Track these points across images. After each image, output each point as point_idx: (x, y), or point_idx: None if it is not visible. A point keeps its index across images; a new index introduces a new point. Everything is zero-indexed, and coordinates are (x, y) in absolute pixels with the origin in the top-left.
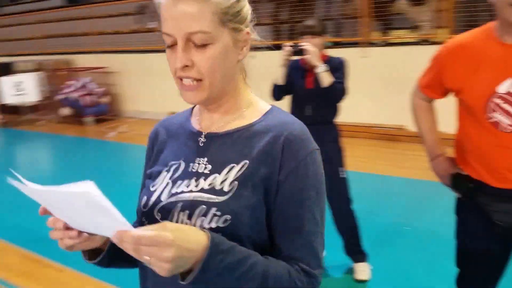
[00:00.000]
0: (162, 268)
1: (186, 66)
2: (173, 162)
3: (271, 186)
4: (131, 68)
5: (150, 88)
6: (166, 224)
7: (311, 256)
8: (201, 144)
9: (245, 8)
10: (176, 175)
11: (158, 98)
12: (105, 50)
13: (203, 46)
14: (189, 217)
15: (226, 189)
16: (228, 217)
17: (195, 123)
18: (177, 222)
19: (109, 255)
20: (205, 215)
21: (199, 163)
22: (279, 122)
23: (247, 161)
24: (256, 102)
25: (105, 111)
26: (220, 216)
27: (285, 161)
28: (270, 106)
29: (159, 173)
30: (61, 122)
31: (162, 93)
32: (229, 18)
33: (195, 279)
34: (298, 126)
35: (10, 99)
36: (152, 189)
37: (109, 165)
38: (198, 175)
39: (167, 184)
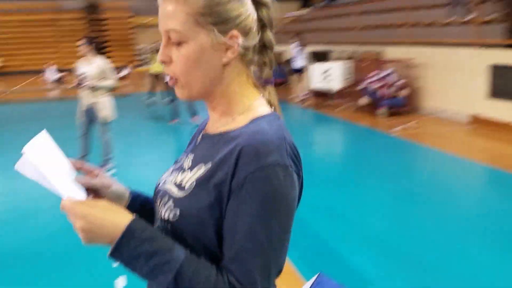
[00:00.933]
0: (79, 236)
1: (164, 62)
2: (182, 155)
3: (224, 193)
4: (437, 62)
5: (454, 86)
6: (97, 201)
7: (242, 273)
8: (197, 143)
9: (231, 10)
10: (176, 166)
11: (460, 98)
12: (415, 42)
13: (179, 44)
14: (161, 205)
15: (186, 186)
16: (178, 212)
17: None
18: (158, 208)
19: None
20: (165, 206)
21: (187, 159)
22: (251, 131)
23: (210, 165)
24: (254, 108)
25: (401, 105)
26: (171, 210)
27: (237, 171)
28: (264, 114)
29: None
30: (357, 110)
31: (466, 93)
32: (207, 20)
33: (112, 257)
34: (263, 137)
35: (318, 84)
36: (161, 176)
37: (379, 159)
38: (182, 170)
39: (169, 173)
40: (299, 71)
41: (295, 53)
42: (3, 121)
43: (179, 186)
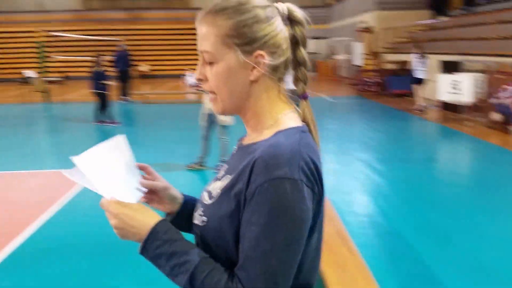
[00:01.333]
0: (114, 232)
1: (200, 80)
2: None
3: (241, 203)
4: None
5: None
6: (132, 203)
7: (247, 280)
8: (234, 152)
9: (257, 31)
10: (216, 176)
11: None
12: None
13: (211, 63)
14: (196, 210)
15: (214, 194)
16: (205, 218)
17: None
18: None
19: (176, 220)
20: (197, 211)
21: (222, 169)
22: (268, 143)
23: (233, 175)
24: (282, 123)
25: None
26: (201, 216)
27: (250, 182)
28: (288, 127)
29: None
30: (488, 127)
31: None
32: (234, 41)
33: (141, 254)
34: (275, 150)
35: (445, 96)
36: None
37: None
38: (216, 179)
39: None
40: (419, 81)
41: (415, 64)
42: (148, 118)
43: (210, 194)
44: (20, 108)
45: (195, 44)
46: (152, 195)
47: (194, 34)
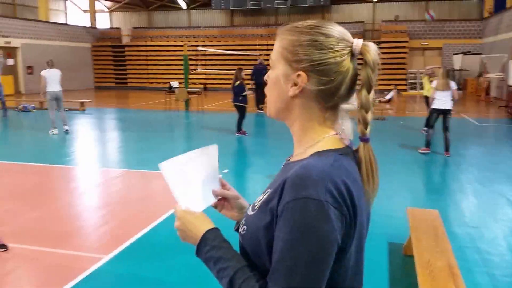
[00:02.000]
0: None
1: (266, 81)
2: None
3: (274, 218)
4: None
5: None
6: (195, 212)
7: (272, 286)
8: (281, 169)
9: (306, 54)
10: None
11: None
12: None
13: (272, 69)
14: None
15: (256, 207)
16: (245, 228)
17: None
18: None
19: None
20: (242, 221)
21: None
22: (301, 164)
23: (272, 190)
24: (321, 145)
25: None
26: (243, 225)
27: (281, 199)
28: (324, 150)
29: None
30: None
31: None
32: (287, 56)
33: (197, 255)
34: (305, 171)
35: None
36: None
37: None
38: (262, 192)
39: None
40: None
41: None
42: (269, 130)
43: (253, 206)
44: (164, 114)
45: None
46: (224, 203)
47: None
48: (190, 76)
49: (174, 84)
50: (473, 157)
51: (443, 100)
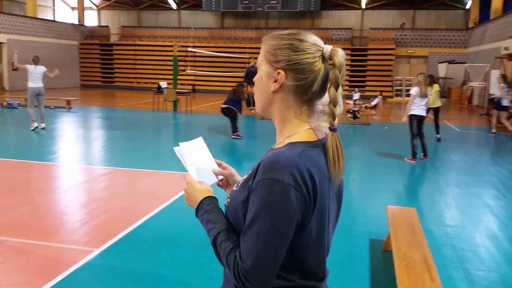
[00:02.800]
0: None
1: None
2: None
3: (250, 192)
4: None
5: None
6: (203, 183)
7: (241, 251)
8: None
9: (284, 55)
10: None
11: None
12: None
13: (258, 70)
14: None
15: (239, 184)
16: (229, 200)
17: None
18: None
19: None
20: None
21: None
22: (275, 151)
23: (251, 171)
24: (297, 136)
25: None
26: (228, 198)
27: (255, 179)
28: (296, 141)
29: None
30: None
31: None
32: (269, 57)
33: (196, 216)
34: (275, 158)
35: None
36: None
37: None
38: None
39: None
40: (505, 109)
41: (505, 93)
42: (258, 132)
43: (238, 183)
44: (152, 114)
45: None
46: (226, 182)
47: None
48: (179, 77)
49: (163, 84)
50: (452, 162)
51: (422, 107)
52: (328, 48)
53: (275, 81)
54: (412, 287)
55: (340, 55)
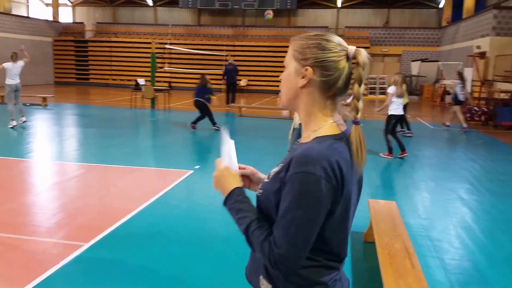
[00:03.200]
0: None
1: (280, 80)
2: None
3: (282, 185)
4: None
5: None
6: (233, 171)
7: (276, 237)
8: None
9: (312, 53)
10: None
11: None
12: None
13: (284, 68)
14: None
15: (270, 176)
16: (261, 191)
17: None
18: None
19: None
20: (259, 185)
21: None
22: (304, 146)
23: (283, 164)
24: (323, 130)
25: None
26: (260, 189)
27: (288, 171)
28: (324, 135)
29: None
30: None
31: None
32: (296, 55)
33: (223, 205)
34: (307, 152)
35: None
36: None
37: None
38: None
39: None
40: (460, 103)
41: (459, 89)
42: (238, 130)
43: (268, 175)
44: (130, 111)
45: None
46: (245, 181)
47: None
48: (157, 74)
49: (141, 81)
50: (427, 158)
51: (400, 107)
52: (352, 48)
53: (303, 77)
54: (395, 274)
55: (364, 55)
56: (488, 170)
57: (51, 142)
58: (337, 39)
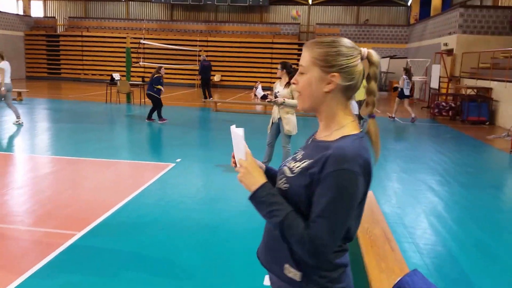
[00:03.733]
0: (238, 176)
1: (294, 83)
2: (298, 150)
3: (314, 181)
4: None
5: None
6: (256, 162)
7: (316, 230)
8: (308, 143)
9: (336, 60)
10: (293, 157)
11: None
12: None
13: (302, 73)
14: (278, 178)
15: (295, 171)
16: (287, 185)
17: None
18: (277, 179)
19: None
20: (281, 180)
21: (299, 154)
22: (337, 145)
23: (311, 161)
24: (347, 129)
25: None
26: (284, 183)
27: (324, 169)
28: (350, 134)
29: None
30: None
31: None
32: (319, 63)
33: (250, 199)
34: (343, 151)
35: None
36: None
37: None
38: (295, 160)
39: (289, 160)
40: (407, 97)
41: (405, 84)
42: (214, 124)
43: (291, 170)
44: (105, 106)
45: (269, 58)
46: None
47: (268, 48)
48: (132, 69)
49: (116, 76)
50: (398, 151)
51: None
52: (365, 50)
53: (328, 83)
54: (377, 257)
55: (375, 55)
56: (457, 162)
57: (30, 137)
58: (351, 42)
